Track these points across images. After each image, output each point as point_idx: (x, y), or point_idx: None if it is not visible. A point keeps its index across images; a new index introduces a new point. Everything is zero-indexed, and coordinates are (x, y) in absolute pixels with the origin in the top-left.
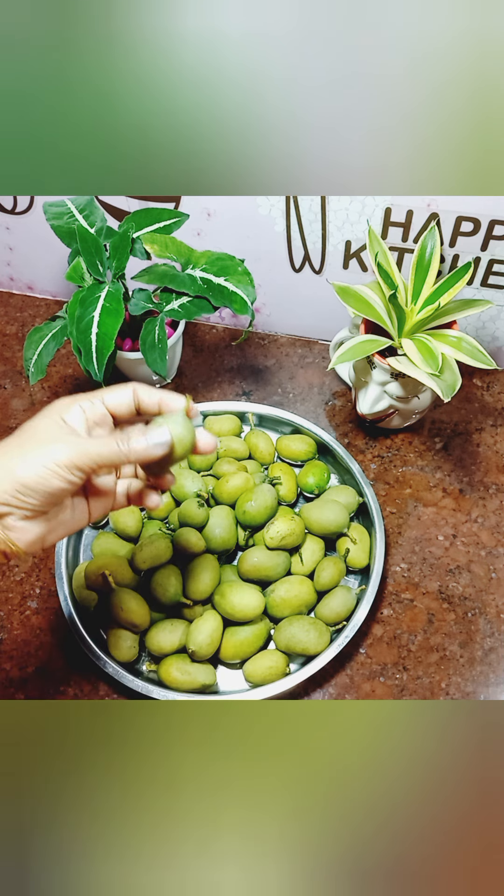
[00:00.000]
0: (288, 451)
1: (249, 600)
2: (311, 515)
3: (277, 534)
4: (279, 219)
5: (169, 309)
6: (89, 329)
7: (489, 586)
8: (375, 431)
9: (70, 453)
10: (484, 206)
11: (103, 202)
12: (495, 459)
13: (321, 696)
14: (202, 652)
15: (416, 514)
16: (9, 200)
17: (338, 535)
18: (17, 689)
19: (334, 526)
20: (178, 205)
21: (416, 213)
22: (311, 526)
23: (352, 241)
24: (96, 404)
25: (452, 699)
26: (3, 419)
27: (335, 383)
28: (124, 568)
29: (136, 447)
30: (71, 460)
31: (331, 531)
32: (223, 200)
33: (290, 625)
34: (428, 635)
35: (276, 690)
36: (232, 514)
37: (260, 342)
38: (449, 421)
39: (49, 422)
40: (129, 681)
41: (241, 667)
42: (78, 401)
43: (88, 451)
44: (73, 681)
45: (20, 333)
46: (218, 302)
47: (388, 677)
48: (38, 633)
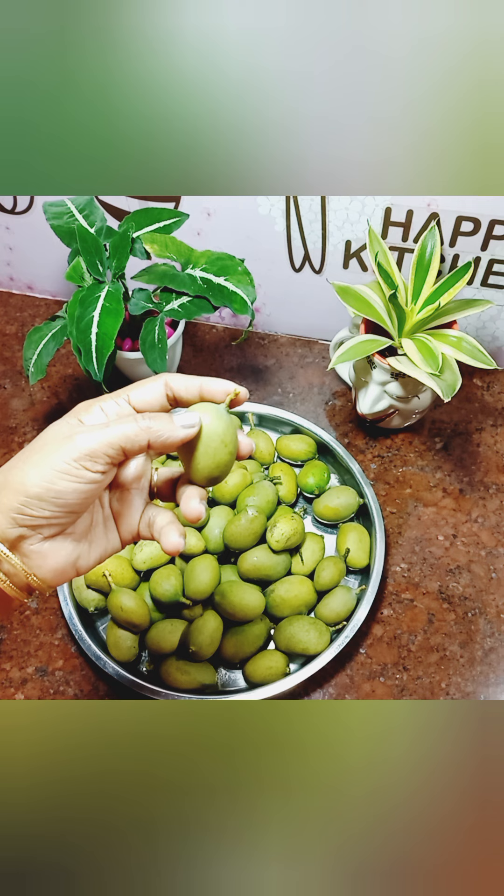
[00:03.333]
0: (288, 451)
1: (249, 600)
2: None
3: (282, 535)
4: (279, 218)
5: (169, 309)
6: (89, 329)
7: (489, 586)
8: (375, 431)
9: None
10: (484, 206)
11: (103, 202)
12: (495, 459)
13: (321, 696)
14: (202, 652)
15: (417, 514)
16: (9, 200)
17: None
18: (17, 689)
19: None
20: (178, 205)
21: (416, 213)
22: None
23: (352, 240)
24: (121, 404)
25: (452, 699)
26: (3, 419)
27: (335, 383)
28: (124, 568)
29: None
30: (80, 451)
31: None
32: (223, 200)
33: (290, 625)
34: (428, 635)
35: (276, 690)
36: (232, 514)
37: (260, 342)
38: (449, 421)
39: (63, 424)
40: (129, 681)
41: (241, 667)
42: (100, 401)
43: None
44: (73, 681)
45: (20, 333)
46: (218, 302)
47: (388, 677)
48: (38, 633)
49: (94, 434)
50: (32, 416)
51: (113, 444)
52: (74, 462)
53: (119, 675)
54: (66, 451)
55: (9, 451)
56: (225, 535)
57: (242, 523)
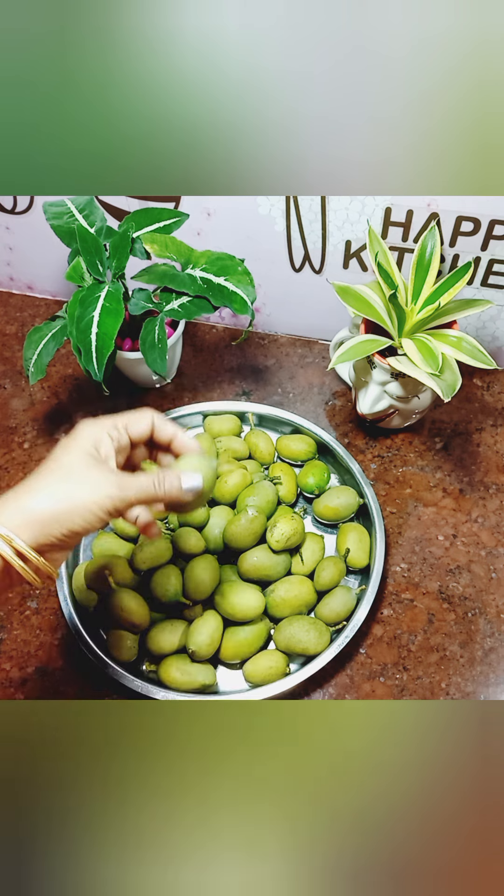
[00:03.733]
0: (288, 451)
1: (249, 600)
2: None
3: (282, 535)
4: (279, 218)
5: (169, 309)
6: (89, 329)
7: (489, 586)
8: (375, 431)
9: (117, 499)
10: (484, 206)
11: (103, 202)
12: (495, 459)
13: (321, 696)
14: (202, 652)
15: (417, 514)
16: (9, 200)
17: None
18: (17, 689)
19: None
20: (178, 205)
21: (416, 213)
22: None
23: (352, 240)
24: (122, 433)
25: (452, 699)
26: (3, 419)
27: (335, 383)
28: (124, 568)
29: (170, 490)
30: (114, 506)
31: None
32: (223, 200)
33: (290, 625)
34: (428, 635)
35: (276, 690)
36: (232, 514)
37: (260, 342)
38: (449, 421)
39: (83, 456)
40: (129, 681)
41: (241, 667)
42: (106, 429)
43: (127, 496)
44: (73, 681)
45: (20, 333)
46: (218, 302)
47: (388, 677)
48: (38, 633)
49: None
50: (32, 416)
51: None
52: (107, 512)
53: (119, 675)
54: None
55: (9, 451)
56: (225, 535)
57: (242, 523)
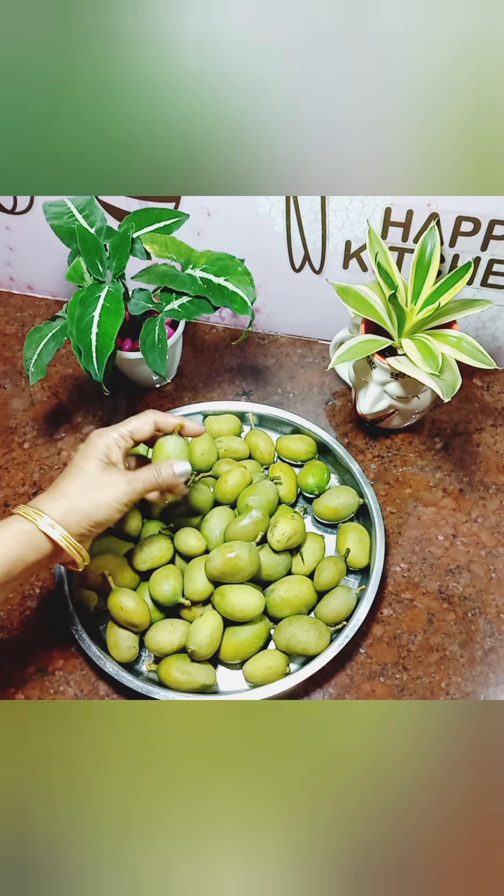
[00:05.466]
0: (288, 451)
1: (249, 600)
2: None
3: (283, 535)
4: (279, 219)
5: (169, 309)
6: (89, 329)
7: (489, 586)
8: (375, 431)
9: (129, 493)
10: (484, 206)
11: (103, 202)
12: (495, 459)
13: (321, 696)
14: (202, 652)
15: (416, 514)
16: (9, 200)
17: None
18: (17, 689)
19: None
20: (178, 205)
21: (416, 213)
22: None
23: (352, 240)
24: (126, 438)
25: (452, 699)
26: (3, 419)
27: (335, 383)
28: (124, 568)
29: (167, 477)
30: (129, 498)
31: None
32: (223, 200)
33: (290, 625)
34: (428, 635)
35: (276, 690)
36: (232, 514)
37: (260, 342)
38: (449, 421)
39: (98, 462)
40: (128, 681)
41: (241, 667)
42: (114, 438)
43: (136, 489)
44: (73, 681)
45: (20, 333)
46: (218, 302)
47: (388, 677)
48: (39, 633)
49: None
50: (32, 416)
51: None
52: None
53: (119, 675)
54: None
55: (9, 451)
56: (225, 535)
57: (244, 524)
